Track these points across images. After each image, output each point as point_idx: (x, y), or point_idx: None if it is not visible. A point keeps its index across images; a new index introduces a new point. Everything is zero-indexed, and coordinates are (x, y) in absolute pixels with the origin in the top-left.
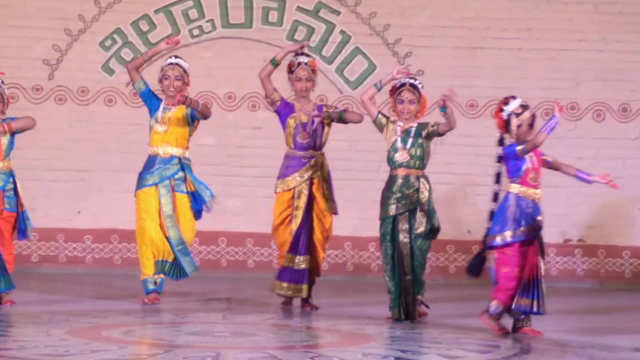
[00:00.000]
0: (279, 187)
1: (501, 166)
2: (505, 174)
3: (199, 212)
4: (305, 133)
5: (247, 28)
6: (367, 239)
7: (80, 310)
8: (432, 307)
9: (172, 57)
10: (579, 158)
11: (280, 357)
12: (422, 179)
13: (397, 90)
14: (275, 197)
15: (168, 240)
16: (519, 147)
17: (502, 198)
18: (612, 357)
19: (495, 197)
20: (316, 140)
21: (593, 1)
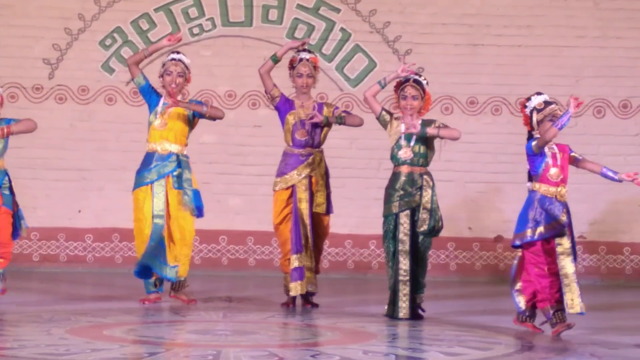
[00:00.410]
0: (277, 185)
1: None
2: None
3: (201, 209)
4: (303, 130)
5: (247, 26)
6: (367, 237)
7: (81, 309)
8: (433, 304)
9: (174, 52)
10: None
11: (281, 355)
12: (425, 177)
13: (401, 86)
14: (274, 195)
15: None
16: (534, 143)
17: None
18: (613, 354)
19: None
20: (315, 137)
21: None
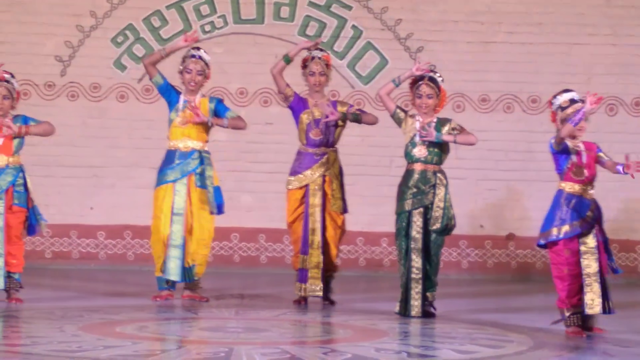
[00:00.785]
0: (291, 184)
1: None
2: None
3: (221, 206)
4: (318, 130)
5: (258, 24)
6: (379, 234)
7: (94, 306)
8: (445, 302)
9: (194, 49)
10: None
11: (293, 353)
12: (439, 175)
13: (415, 84)
14: (287, 194)
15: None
16: (553, 141)
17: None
18: (626, 352)
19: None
20: (329, 136)
21: None
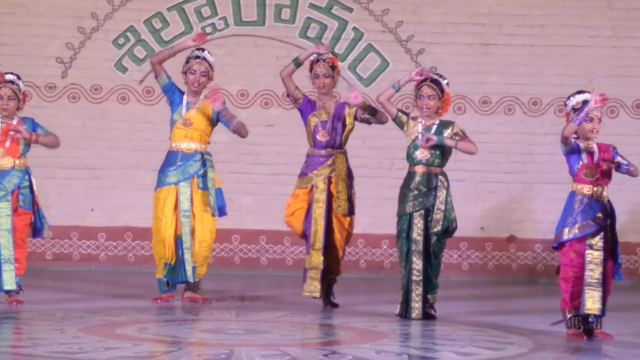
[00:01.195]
0: (297, 184)
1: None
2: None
3: (222, 208)
4: (324, 131)
5: (259, 25)
6: (380, 237)
7: (94, 307)
8: (446, 304)
9: (199, 50)
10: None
11: (293, 355)
12: (440, 177)
13: (419, 85)
14: (292, 192)
15: (179, 238)
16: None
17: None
18: (627, 354)
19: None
20: (336, 138)
21: None
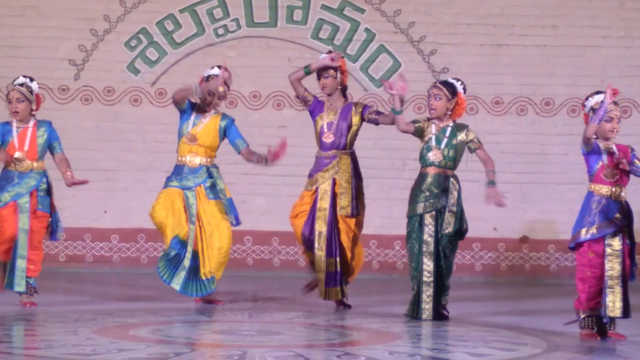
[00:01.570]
0: (305, 187)
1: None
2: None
3: (237, 217)
4: (329, 133)
5: (271, 27)
6: (392, 237)
7: (107, 309)
8: (458, 305)
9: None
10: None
11: (306, 356)
12: (452, 179)
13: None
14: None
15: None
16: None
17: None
18: None
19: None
20: (341, 139)
21: None
